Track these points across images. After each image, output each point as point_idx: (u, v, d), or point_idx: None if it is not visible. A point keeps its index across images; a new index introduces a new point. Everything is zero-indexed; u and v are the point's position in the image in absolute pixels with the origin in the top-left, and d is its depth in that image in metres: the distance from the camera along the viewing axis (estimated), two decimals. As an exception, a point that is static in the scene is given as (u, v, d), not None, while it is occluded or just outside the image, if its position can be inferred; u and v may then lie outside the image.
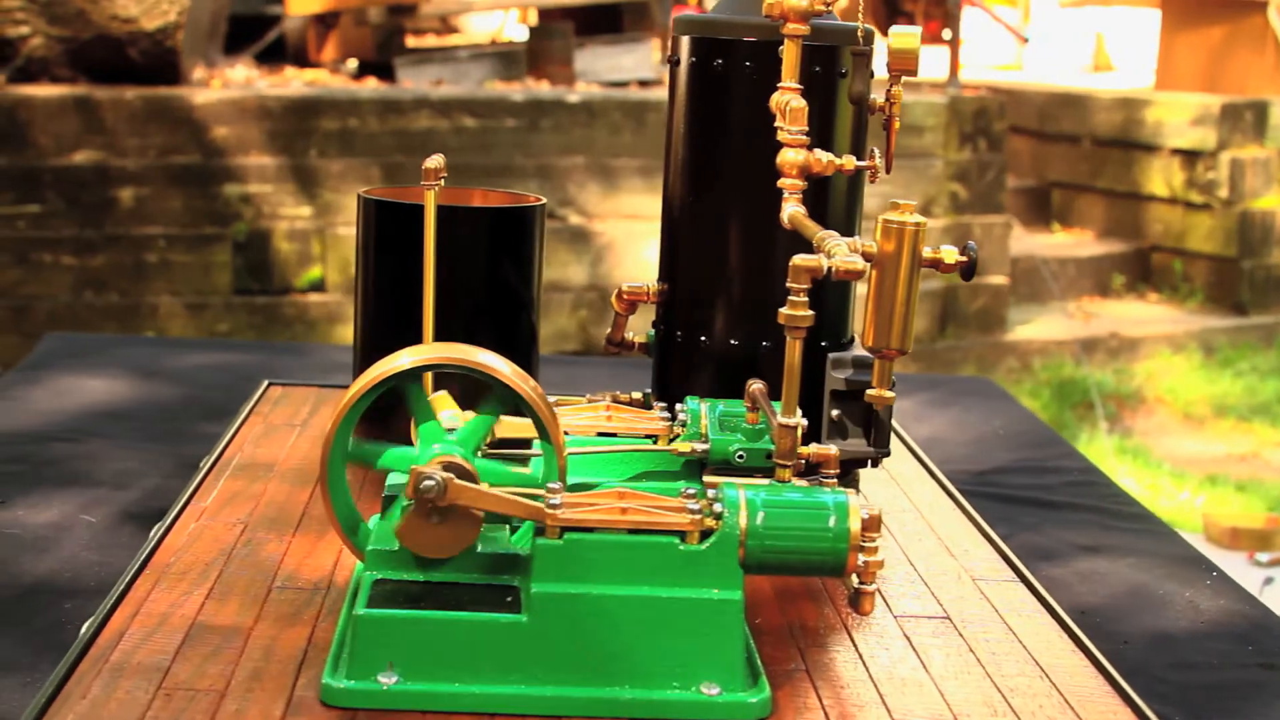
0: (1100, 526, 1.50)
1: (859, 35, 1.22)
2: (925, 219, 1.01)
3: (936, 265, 1.03)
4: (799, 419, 1.01)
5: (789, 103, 1.13)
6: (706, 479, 1.12)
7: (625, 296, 1.33)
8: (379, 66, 5.46)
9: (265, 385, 1.61)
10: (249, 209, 4.47)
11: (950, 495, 1.39)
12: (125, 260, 4.41)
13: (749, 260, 1.26)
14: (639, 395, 1.36)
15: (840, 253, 0.98)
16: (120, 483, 1.45)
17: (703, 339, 1.27)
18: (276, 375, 1.69)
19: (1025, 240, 5.81)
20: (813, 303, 1.01)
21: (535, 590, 0.92)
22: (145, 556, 1.13)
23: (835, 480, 1.09)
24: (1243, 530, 3.23)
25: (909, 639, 1.06)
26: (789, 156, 1.12)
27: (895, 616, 1.10)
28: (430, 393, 1.18)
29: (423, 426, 1.00)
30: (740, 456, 1.11)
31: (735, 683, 0.93)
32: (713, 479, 1.11)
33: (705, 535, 0.93)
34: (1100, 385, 4.99)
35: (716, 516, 0.94)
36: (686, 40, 1.26)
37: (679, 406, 1.17)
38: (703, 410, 1.14)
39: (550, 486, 0.95)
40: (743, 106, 1.23)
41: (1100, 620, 1.26)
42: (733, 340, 1.26)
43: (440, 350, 1.01)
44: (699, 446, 1.11)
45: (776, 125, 1.13)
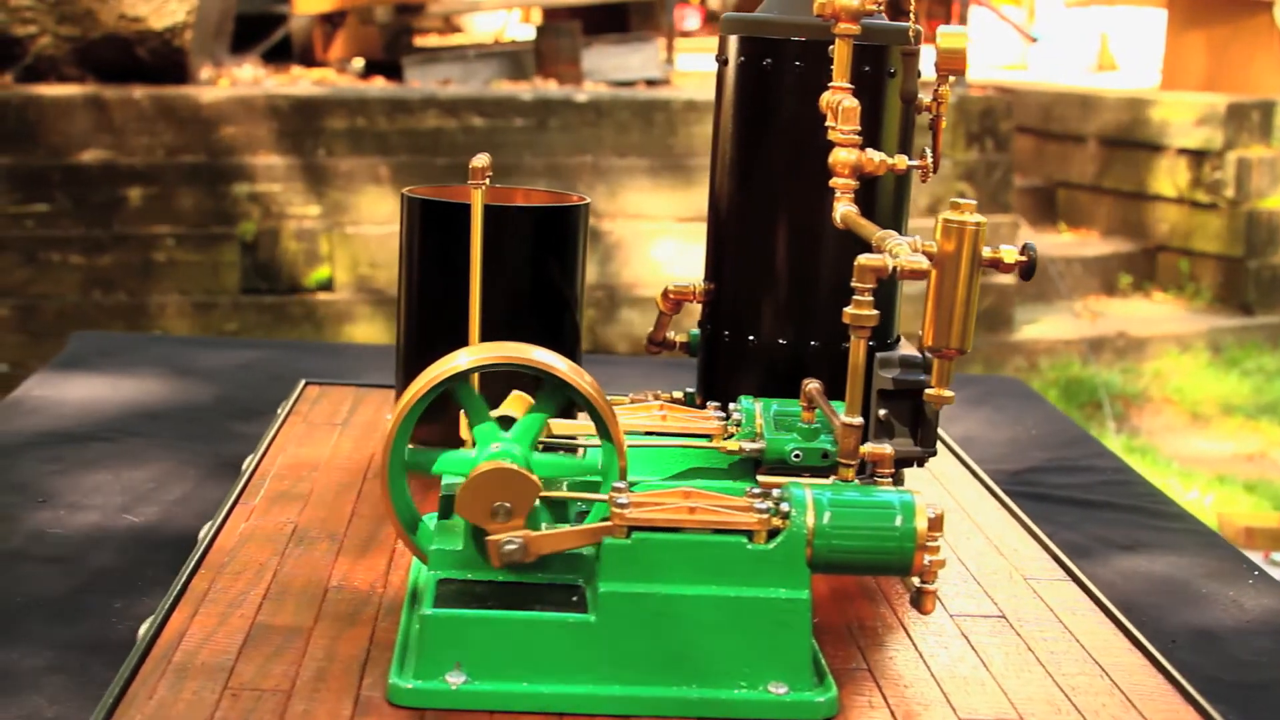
0: (1138, 525, 1.51)
1: (909, 35, 1.22)
2: (985, 219, 1.01)
3: (996, 265, 1.03)
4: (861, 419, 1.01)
5: (841, 102, 1.13)
6: (762, 479, 1.12)
7: (671, 296, 1.33)
8: (385, 65, 5.46)
9: (302, 384, 1.61)
10: (257, 208, 4.47)
11: (994, 494, 1.39)
12: (133, 259, 4.40)
13: (797, 260, 1.26)
14: (679, 395, 1.36)
15: (904, 253, 0.98)
16: (160, 482, 1.45)
17: (750, 338, 1.27)
18: (306, 374, 1.69)
19: (1032, 240, 5.81)
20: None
21: (604, 589, 0.92)
22: (199, 556, 1.12)
23: (890, 480, 1.09)
24: (1257, 530, 3.23)
25: (967, 638, 1.06)
26: (841, 156, 1.12)
27: (951, 616, 1.10)
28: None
29: (478, 428, 1.00)
30: (796, 456, 1.11)
31: (803, 682, 0.93)
32: (768, 479, 1.11)
33: (772, 535, 0.93)
34: (1107, 385, 4.99)
35: (783, 516, 0.94)
36: (734, 40, 1.26)
37: (732, 406, 1.17)
38: (757, 409, 1.14)
39: (616, 486, 0.95)
40: (791, 106, 1.24)
41: (1145, 619, 1.26)
42: (780, 340, 1.26)
43: (498, 350, 1.01)
44: (748, 445, 1.11)
45: (828, 125, 1.13)
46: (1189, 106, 5.66)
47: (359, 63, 5.57)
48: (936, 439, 1.27)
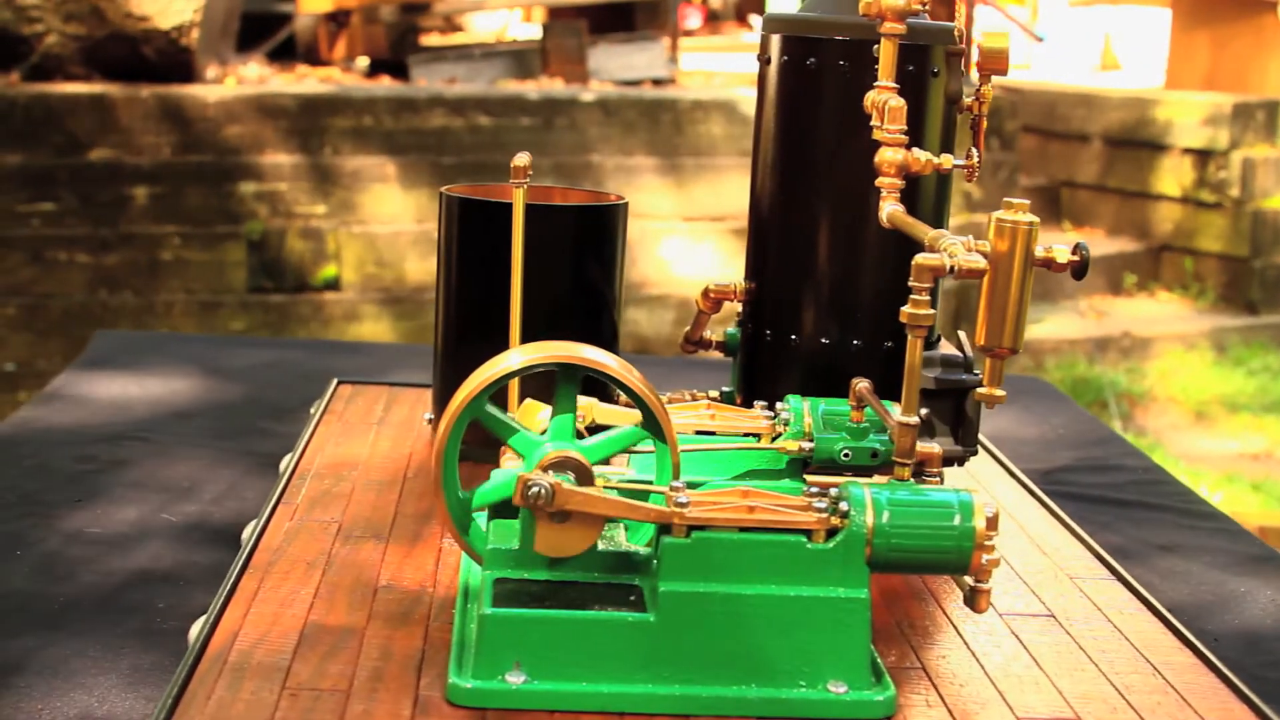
0: (1173, 525, 1.51)
1: (955, 34, 1.23)
2: (1038, 218, 1.01)
3: (1049, 265, 1.03)
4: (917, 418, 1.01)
5: (887, 102, 1.13)
6: (810, 478, 1.13)
7: (711, 295, 1.33)
8: (390, 64, 5.45)
9: (335, 384, 1.61)
10: (263, 207, 4.46)
11: (1032, 494, 1.39)
12: (139, 258, 4.39)
13: (840, 260, 1.26)
14: (715, 394, 1.37)
15: (960, 252, 0.98)
16: (196, 480, 1.45)
17: (792, 338, 1.27)
18: (332, 373, 1.68)
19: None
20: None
21: (663, 589, 0.92)
22: (246, 555, 1.12)
23: (939, 479, 1.09)
24: (1270, 529, 3.23)
25: (1017, 636, 1.07)
26: (888, 155, 1.12)
27: (1001, 615, 1.10)
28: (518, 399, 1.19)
29: (514, 439, 1.00)
30: (846, 455, 1.11)
31: (861, 681, 0.93)
32: (817, 478, 1.11)
33: (831, 534, 0.93)
34: (1113, 384, 5.00)
35: (842, 515, 0.93)
36: (777, 39, 1.26)
37: (779, 405, 1.17)
38: (805, 409, 1.14)
39: (674, 485, 0.95)
40: (835, 105, 1.24)
41: (1186, 618, 1.26)
42: (823, 339, 1.26)
43: (549, 349, 1.01)
44: (805, 445, 1.11)
45: (873, 124, 1.13)
46: (1194, 106, 5.67)
47: (364, 61, 5.57)
48: (978, 439, 1.27)
